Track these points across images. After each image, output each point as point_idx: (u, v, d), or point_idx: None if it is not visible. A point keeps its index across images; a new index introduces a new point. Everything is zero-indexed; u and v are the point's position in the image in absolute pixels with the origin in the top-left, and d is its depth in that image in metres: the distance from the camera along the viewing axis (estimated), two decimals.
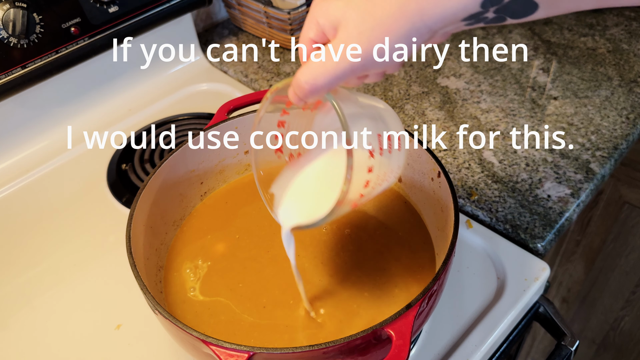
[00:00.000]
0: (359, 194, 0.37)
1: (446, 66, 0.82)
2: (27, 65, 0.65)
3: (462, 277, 0.55)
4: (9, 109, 0.69)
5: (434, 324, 0.51)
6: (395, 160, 0.39)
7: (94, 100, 0.77)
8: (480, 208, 0.61)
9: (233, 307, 0.47)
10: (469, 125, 0.71)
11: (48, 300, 0.56)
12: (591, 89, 0.76)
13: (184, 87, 0.83)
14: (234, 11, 0.92)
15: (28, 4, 0.62)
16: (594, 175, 0.63)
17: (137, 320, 0.53)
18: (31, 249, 0.61)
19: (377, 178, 0.37)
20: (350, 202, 0.37)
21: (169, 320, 0.37)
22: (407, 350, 0.35)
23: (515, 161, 0.66)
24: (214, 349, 0.36)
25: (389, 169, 0.38)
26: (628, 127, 0.69)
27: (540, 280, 0.54)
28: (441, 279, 0.39)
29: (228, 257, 0.52)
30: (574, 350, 0.55)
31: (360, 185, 0.36)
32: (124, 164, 0.70)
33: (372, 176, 0.36)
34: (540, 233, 0.58)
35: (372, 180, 0.37)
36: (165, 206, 0.52)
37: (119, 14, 0.71)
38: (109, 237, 0.62)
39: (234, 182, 0.59)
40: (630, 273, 1.12)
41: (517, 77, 0.79)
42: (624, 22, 0.88)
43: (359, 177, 0.35)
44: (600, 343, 1.30)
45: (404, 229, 0.53)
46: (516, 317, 0.53)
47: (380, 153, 0.36)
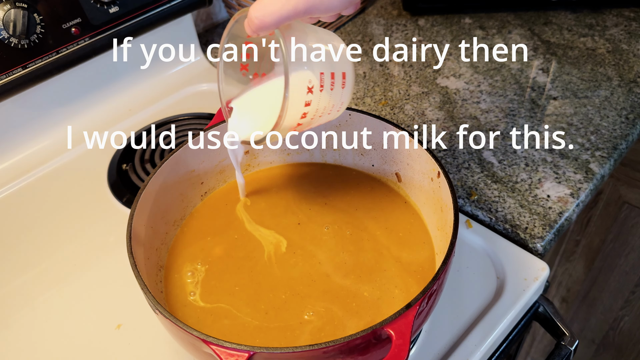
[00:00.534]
0: (296, 123, 0.42)
1: (446, 66, 0.82)
2: (27, 65, 0.65)
3: (462, 277, 0.55)
4: (10, 109, 0.69)
5: (433, 324, 0.52)
6: (337, 97, 0.43)
7: (94, 100, 0.77)
8: (479, 208, 0.61)
9: (234, 311, 0.47)
10: (469, 125, 0.72)
11: (48, 300, 0.56)
12: (591, 89, 0.76)
13: (184, 87, 0.83)
14: (234, 11, 0.92)
15: (28, 4, 0.62)
16: (594, 175, 0.63)
17: (137, 320, 0.53)
18: (31, 249, 0.62)
19: (316, 111, 0.42)
20: (287, 129, 0.42)
21: (169, 320, 0.38)
22: (407, 350, 0.35)
23: (515, 161, 0.66)
24: (215, 348, 0.36)
25: (330, 104, 0.43)
26: (627, 127, 0.69)
27: (539, 280, 0.54)
28: (441, 279, 0.39)
29: (224, 258, 0.52)
30: (573, 350, 0.55)
31: (297, 116, 0.41)
32: (125, 164, 0.71)
33: (309, 109, 0.41)
34: (540, 233, 0.58)
35: (310, 112, 0.41)
36: (166, 206, 0.52)
37: (119, 14, 0.71)
38: (109, 237, 0.62)
39: (234, 182, 0.59)
40: (629, 273, 1.12)
41: (517, 77, 0.79)
42: (624, 23, 0.89)
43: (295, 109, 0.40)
44: (600, 343, 1.30)
45: (404, 229, 0.53)
46: (516, 317, 0.53)
47: (320, 90, 0.41)
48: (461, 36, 0.88)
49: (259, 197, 0.58)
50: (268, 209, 0.56)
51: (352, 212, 0.55)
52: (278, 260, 0.51)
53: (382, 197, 0.56)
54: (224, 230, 0.54)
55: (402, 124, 0.73)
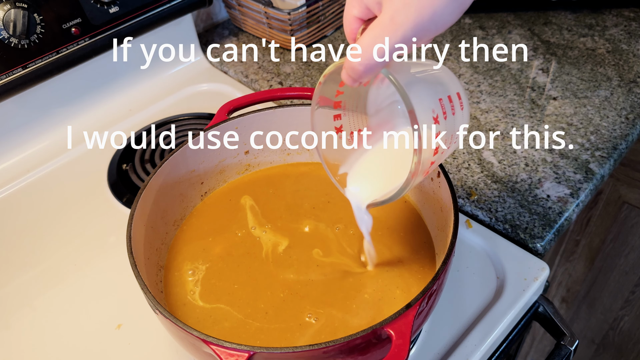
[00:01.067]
0: (430, 162, 0.37)
1: (446, 66, 0.82)
2: (27, 65, 0.65)
3: (462, 277, 0.55)
4: (10, 109, 0.69)
5: (433, 324, 0.52)
6: (459, 120, 0.39)
7: (94, 100, 0.77)
8: (479, 208, 0.61)
9: (234, 313, 0.47)
10: (469, 125, 0.72)
11: (48, 300, 0.56)
12: (590, 89, 0.76)
13: (184, 88, 0.83)
14: (234, 12, 0.92)
15: (29, 4, 0.62)
16: (594, 175, 0.63)
17: (137, 320, 0.53)
18: (31, 249, 0.62)
19: (445, 142, 0.38)
20: (423, 171, 0.38)
21: (169, 320, 0.38)
22: (407, 349, 0.35)
23: (515, 161, 0.66)
24: (215, 348, 0.36)
25: (455, 129, 0.39)
26: (627, 127, 0.69)
27: (539, 280, 0.54)
28: (441, 279, 0.39)
29: (225, 257, 0.52)
30: (573, 350, 0.55)
31: (430, 154, 0.37)
32: (125, 164, 0.71)
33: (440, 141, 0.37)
34: (540, 233, 0.58)
35: (441, 145, 0.37)
36: (166, 206, 0.52)
37: (119, 14, 0.71)
38: (109, 237, 0.62)
39: (234, 182, 0.59)
40: (629, 273, 1.12)
41: (517, 78, 0.79)
42: (624, 23, 0.89)
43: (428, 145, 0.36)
44: (600, 343, 1.31)
45: (404, 229, 0.53)
46: (516, 317, 0.53)
47: (444, 117, 0.37)
48: (461, 36, 0.88)
49: (259, 197, 0.58)
50: (268, 209, 0.56)
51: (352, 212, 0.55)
52: (278, 260, 0.51)
53: None
54: (224, 230, 0.54)
55: None
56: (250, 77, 0.84)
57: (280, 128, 0.58)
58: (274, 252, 0.51)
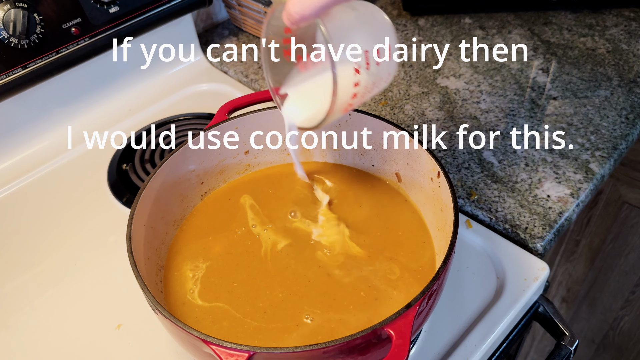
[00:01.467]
0: (347, 104, 0.42)
1: (446, 66, 0.83)
2: (27, 65, 0.65)
3: (462, 277, 0.55)
4: (10, 109, 0.69)
5: (433, 324, 0.52)
6: (384, 70, 0.43)
7: (94, 100, 0.77)
8: (479, 208, 0.61)
9: (233, 312, 0.47)
10: (469, 125, 0.72)
11: (48, 300, 0.56)
12: (591, 89, 0.76)
13: (184, 87, 0.83)
14: (234, 11, 0.92)
15: (28, 4, 0.62)
16: (594, 175, 0.63)
17: (137, 320, 0.53)
18: (31, 249, 0.62)
19: (365, 89, 0.42)
20: (340, 110, 0.42)
21: (169, 320, 0.38)
22: (407, 349, 0.35)
23: (515, 161, 0.66)
24: (214, 348, 0.36)
25: (377, 79, 0.43)
26: (627, 127, 0.69)
27: (539, 280, 0.54)
28: (441, 279, 0.39)
29: (224, 256, 0.52)
30: (573, 350, 0.55)
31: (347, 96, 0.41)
32: (125, 164, 0.71)
33: (358, 89, 0.41)
34: (540, 233, 0.58)
35: (359, 92, 0.42)
36: (166, 206, 0.52)
37: (119, 14, 0.71)
38: (109, 237, 0.62)
39: (234, 182, 0.59)
40: (629, 273, 1.12)
41: (517, 77, 0.79)
42: (624, 23, 0.89)
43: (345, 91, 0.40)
44: (600, 343, 1.31)
45: (404, 229, 0.53)
46: (516, 317, 0.53)
47: (367, 67, 0.40)
48: (461, 36, 0.88)
49: (259, 196, 0.58)
50: (268, 209, 0.56)
51: (352, 211, 0.55)
52: (276, 259, 0.51)
53: (382, 196, 0.56)
54: (224, 230, 0.54)
55: (402, 124, 0.73)
56: (250, 77, 0.84)
57: (280, 128, 0.58)
58: (273, 251, 0.51)
